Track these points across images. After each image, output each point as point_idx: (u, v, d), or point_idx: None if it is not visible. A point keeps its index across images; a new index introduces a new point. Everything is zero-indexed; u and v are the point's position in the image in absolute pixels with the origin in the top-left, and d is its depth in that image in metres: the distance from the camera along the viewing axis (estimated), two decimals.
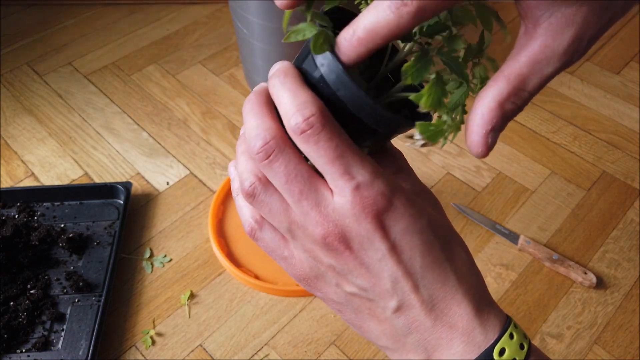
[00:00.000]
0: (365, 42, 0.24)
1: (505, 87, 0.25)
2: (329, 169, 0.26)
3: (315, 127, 0.25)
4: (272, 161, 0.27)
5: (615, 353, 0.67)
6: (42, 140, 0.92)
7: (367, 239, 0.27)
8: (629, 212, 0.83)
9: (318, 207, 0.27)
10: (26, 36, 1.12)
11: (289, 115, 0.26)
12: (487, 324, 0.28)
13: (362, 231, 0.27)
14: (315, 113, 0.26)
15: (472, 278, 0.29)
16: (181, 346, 0.68)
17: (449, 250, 0.28)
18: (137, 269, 0.75)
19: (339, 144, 0.26)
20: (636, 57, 1.10)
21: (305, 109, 0.26)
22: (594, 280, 0.73)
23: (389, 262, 0.27)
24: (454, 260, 0.28)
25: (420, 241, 0.27)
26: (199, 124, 0.95)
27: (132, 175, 0.87)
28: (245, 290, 0.73)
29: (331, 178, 0.27)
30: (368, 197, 0.26)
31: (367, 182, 0.26)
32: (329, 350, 0.67)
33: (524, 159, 0.90)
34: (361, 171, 0.26)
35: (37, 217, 0.79)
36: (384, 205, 0.26)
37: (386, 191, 0.26)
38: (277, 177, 0.27)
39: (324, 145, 0.26)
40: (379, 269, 0.27)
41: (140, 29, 1.15)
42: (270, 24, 0.84)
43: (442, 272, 0.28)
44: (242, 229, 0.79)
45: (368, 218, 0.26)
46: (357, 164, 0.26)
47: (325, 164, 0.26)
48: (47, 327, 0.67)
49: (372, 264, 0.28)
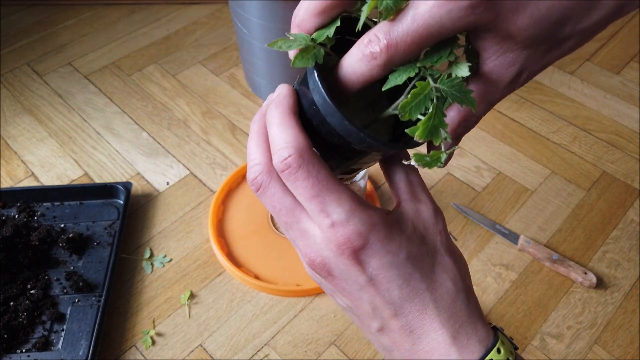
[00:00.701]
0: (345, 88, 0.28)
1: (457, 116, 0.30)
2: (307, 206, 0.29)
3: (292, 167, 0.28)
4: (260, 194, 0.30)
5: (615, 353, 0.67)
6: (42, 140, 0.92)
7: (345, 272, 0.29)
8: (629, 212, 0.83)
9: (302, 238, 0.30)
10: (26, 36, 1.12)
11: (273, 153, 0.29)
12: (466, 351, 0.29)
13: (340, 265, 0.29)
14: (293, 154, 0.28)
15: (455, 306, 0.30)
16: (181, 346, 0.68)
17: (430, 280, 0.30)
18: (137, 269, 0.75)
19: (315, 184, 0.28)
20: (636, 57, 1.10)
21: (284, 149, 0.28)
22: (594, 280, 0.73)
23: (367, 292, 0.29)
24: (435, 290, 0.30)
25: (397, 275, 0.29)
26: (199, 124, 0.95)
27: (132, 175, 0.87)
28: (245, 290, 0.73)
29: (311, 214, 0.29)
30: (343, 236, 0.28)
31: (342, 220, 0.28)
32: (329, 350, 0.67)
33: (524, 159, 0.90)
34: (337, 209, 0.28)
35: (37, 217, 0.79)
36: (359, 244, 0.28)
37: (362, 229, 0.28)
38: (267, 206, 0.31)
39: (301, 184, 0.28)
40: (358, 297, 0.30)
41: (140, 29, 1.15)
42: (270, 24, 0.84)
43: (421, 302, 0.29)
44: (242, 228, 0.79)
45: (345, 254, 0.28)
46: (334, 202, 0.28)
47: (304, 201, 0.29)
48: (47, 327, 0.67)
49: (352, 292, 0.30)
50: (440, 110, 0.27)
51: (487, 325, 0.31)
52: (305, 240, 0.30)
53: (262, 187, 0.30)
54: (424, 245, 0.31)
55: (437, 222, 0.32)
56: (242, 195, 0.83)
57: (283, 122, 0.29)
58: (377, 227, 0.29)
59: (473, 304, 0.31)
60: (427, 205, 0.32)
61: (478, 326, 0.30)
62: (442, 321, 0.29)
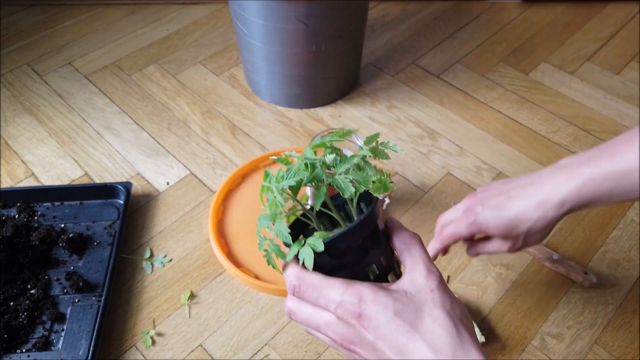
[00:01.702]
0: None
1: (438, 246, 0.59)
2: (318, 304, 0.40)
3: (296, 286, 0.40)
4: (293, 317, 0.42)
5: (615, 353, 0.67)
6: (42, 140, 0.92)
7: (359, 338, 0.38)
8: (629, 212, 0.83)
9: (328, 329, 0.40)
10: (26, 36, 1.12)
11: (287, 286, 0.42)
12: None
13: (355, 333, 0.39)
14: (293, 279, 0.41)
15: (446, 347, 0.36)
16: (181, 346, 0.68)
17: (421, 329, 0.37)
18: (137, 269, 0.75)
19: (314, 288, 0.40)
20: (636, 57, 1.10)
21: (289, 280, 0.41)
22: (594, 280, 0.73)
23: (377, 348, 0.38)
24: (425, 336, 0.37)
25: (389, 330, 0.37)
26: (199, 124, 0.95)
27: (132, 175, 0.87)
28: (245, 290, 0.73)
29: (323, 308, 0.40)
30: (345, 311, 0.38)
31: (340, 301, 0.39)
32: (329, 350, 0.67)
33: (524, 159, 0.90)
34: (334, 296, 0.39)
35: (37, 217, 0.79)
36: (356, 312, 0.38)
37: (354, 301, 0.38)
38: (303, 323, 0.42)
39: (305, 293, 0.40)
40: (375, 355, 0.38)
41: (140, 29, 1.15)
42: (270, 24, 0.84)
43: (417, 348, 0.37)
44: (242, 228, 0.79)
45: (352, 323, 0.38)
46: (330, 292, 0.39)
47: (314, 303, 0.40)
48: (47, 327, 0.67)
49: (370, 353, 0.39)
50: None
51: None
52: (330, 328, 0.40)
53: (291, 310, 0.42)
54: (412, 303, 0.38)
55: (429, 283, 0.39)
56: (242, 195, 0.83)
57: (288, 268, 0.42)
58: (364, 296, 0.38)
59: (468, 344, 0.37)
60: (420, 272, 0.40)
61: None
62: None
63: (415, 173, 0.88)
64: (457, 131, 0.95)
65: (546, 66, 1.08)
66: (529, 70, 1.07)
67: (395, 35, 1.15)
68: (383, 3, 1.24)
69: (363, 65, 1.07)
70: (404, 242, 0.42)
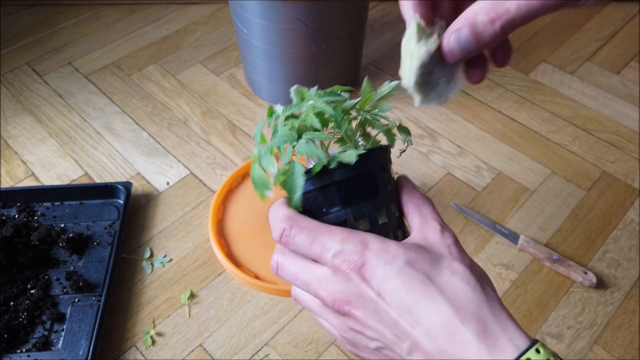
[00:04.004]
0: None
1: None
2: (311, 253, 0.33)
3: (285, 230, 0.33)
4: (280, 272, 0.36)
5: (615, 353, 0.67)
6: (42, 140, 0.92)
7: (359, 294, 0.31)
8: (629, 212, 0.83)
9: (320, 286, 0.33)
10: (26, 36, 1.12)
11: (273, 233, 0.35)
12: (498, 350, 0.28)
13: (353, 289, 0.32)
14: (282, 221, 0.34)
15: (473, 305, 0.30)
16: (181, 346, 0.68)
17: (438, 280, 0.31)
18: (137, 269, 0.75)
19: (308, 233, 0.33)
20: (636, 57, 1.10)
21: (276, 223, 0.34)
22: (594, 280, 0.73)
23: (382, 309, 0.31)
24: (445, 289, 0.30)
25: (401, 281, 0.30)
26: (199, 124, 0.95)
27: (132, 175, 0.87)
28: (245, 290, 0.73)
29: (317, 258, 0.33)
30: (343, 261, 0.32)
31: (338, 250, 0.32)
32: (329, 350, 0.67)
33: (524, 159, 0.90)
34: (332, 243, 0.32)
35: (37, 217, 0.79)
36: (359, 262, 0.31)
37: (356, 250, 0.31)
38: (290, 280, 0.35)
39: (298, 239, 0.33)
40: (379, 319, 0.31)
41: (140, 29, 1.15)
42: (270, 24, 0.84)
43: (433, 304, 0.30)
44: (242, 228, 0.79)
45: (351, 277, 0.31)
46: (328, 239, 0.32)
47: (307, 252, 0.33)
48: (47, 327, 0.67)
49: (372, 316, 0.31)
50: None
51: (519, 327, 0.30)
52: (323, 285, 0.33)
53: (279, 264, 0.35)
54: (426, 253, 0.32)
55: (445, 239, 0.33)
56: (242, 195, 0.83)
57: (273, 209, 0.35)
58: (369, 244, 0.32)
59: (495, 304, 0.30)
60: (434, 228, 0.34)
61: (507, 327, 0.29)
62: (461, 320, 0.29)
63: (415, 173, 0.88)
64: (457, 131, 0.95)
65: (546, 66, 1.08)
66: (529, 70, 1.07)
67: (395, 35, 1.15)
68: (383, 3, 1.24)
69: (363, 65, 1.07)
70: (414, 203, 0.36)
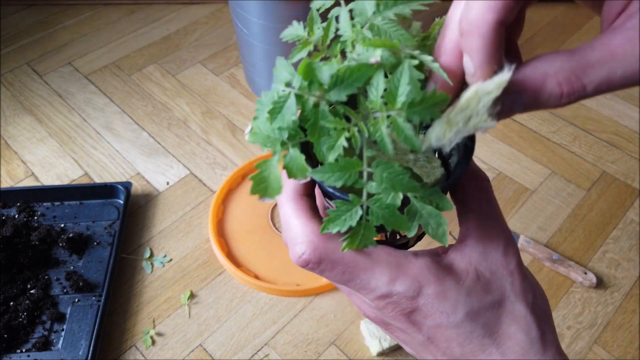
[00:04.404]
0: None
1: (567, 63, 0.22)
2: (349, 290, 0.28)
3: (312, 263, 0.27)
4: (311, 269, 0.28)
5: (615, 353, 0.67)
6: (42, 140, 0.92)
7: (403, 330, 0.28)
8: (629, 212, 0.83)
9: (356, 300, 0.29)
10: (26, 36, 1.12)
11: (290, 245, 0.28)
12: None
13: (398, 325, 0.28)
14: (306, 251, 0.27)
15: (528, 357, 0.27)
16: (181, 346, 0.68)
17: (497, 334, 0.27)
18: (137, 269, 0.75)
19: (344, 270, 0.27)
20: None
21: (298, 244, 0.27)
22: (594, 280, 0.73)
23: (427, 349, 0.28)
24: (502, 343, 0.27)
25: (456, 334, 0.27)
26: (199, 124, 0.95)
27: (132, 175, 0.87)
28: (245, 290, 0.73)
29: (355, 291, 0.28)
30: (391, 305, 0.27)
31: (385, 293, 0.26)
32: (329, 350, 0.67)
33: (524, 159, 0.90)
34: (377, 284, 0.26)
35: (37, 217, 0.79)
36: (409, 309, 0.27)
37: (408, 294, 0.26)
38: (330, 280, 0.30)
39: (329, 275, 0.27)
40: (420, 350, 0.29)
41: (140, 29, 1.15)
42: (270, 24, 0.84)
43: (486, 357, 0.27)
44: (242, 228, 0.79)
45: (398, 318, 0.27)
46: (370, 279, 0.26)
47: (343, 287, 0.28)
48: (47, 327, 0.67)
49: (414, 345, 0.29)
50: None
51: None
52: (359, 302, 0.29)
53: (311, 267, 0.28)
54: (488, 296, 0.27)
55: (508, 262, 0.28)
56: (242, 195, 0.83)
57: (290, 209, 0.28)
58: (425, 287, 0.26)
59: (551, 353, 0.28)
60: (496, 243, 0.28)
61: None
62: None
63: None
64: None
65: None
66: None
67: None
68: None
69: None
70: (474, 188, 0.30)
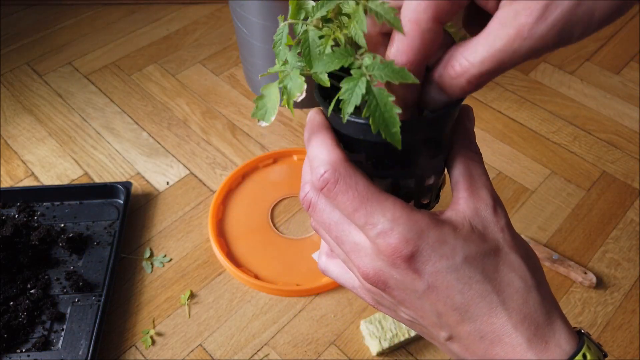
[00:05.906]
0: None
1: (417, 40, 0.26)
2: (353, 220, 0.28)
3: (330, 183, 0.28)
4: (311, 212, 0.30)
5: (615, 353, 0.67)
6: (42, 140, 0.92)
7: (401, 282, 0.28)
8: (629, 212, 0.83)
9: (353, 252, 0.29)
10: (26, 36, 1.12)
11: (312, 172, 0.29)
12: (545, 356, 0.27)
13: (395, 274, 0.28)
14: (328, 170, 0.28)
15: (527, 306, 0.28)
16: (181, 346, 0.68)
17: (495, 280, 0.28)
18: (137, 269, 0.75)
19: (355, 196, 0.27)
20: (636, 57, 1.10)
21: (319, 166, 0.28)
22: (594, 280, 0.73)
23: (427, 300, 0.28)
24: (502, 290, 0.28)
25: (456, 279, 0.27)
26: (199, 124, 0.95)
27: (132, 175, 0.87)
28: (245, 290, 0.73)
29: (358, 226, 0.28)
30: (391, 245, 0.27)
31: (387, 229, 0.27)
32: (329, 350, 0.67)
33: (524, 159, 0.90)
34: (381, 218, 0.27)
35: (37, 217, 0.79)
36: (409, 251, 0.27)
37: (409, 236, 0.27)
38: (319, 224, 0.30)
39: (342, 198, 0.28)
40: (420, 306, 0.28)
41: (140, 29, 1.15)
42: (270, 24, 0.84)
43: (487, 305, 0.27)
44: (242, 228, 0.79)
45: (396, 263, 0.27)
46: (377, 212, 0.27)
47: (349, 216, 0.28)
48: (47, 327, 0.67)
49: (413, 301, 0.29)
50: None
51: (568, 327, 0.28)
52: (357, 254, 0.29)
53: (312, 204, 0.30)
54: (484, 244, 0.28)
55: (498, 219, 0.29)
56: (242, 195, 0.83)
57: (316, 141, 0.29)
58: (426, 231, 0.27)
59: (549, 302, 0.28)
60: (485, 202, 0.30)
61: (556, 328, 0.28)
62: (514, 324, 0.27)
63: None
64: None
65: (546, 66, 1.08)
66: (529, 69, 1.07)
67: None
68: None
69: None
70: (465, 157, 0.31)
